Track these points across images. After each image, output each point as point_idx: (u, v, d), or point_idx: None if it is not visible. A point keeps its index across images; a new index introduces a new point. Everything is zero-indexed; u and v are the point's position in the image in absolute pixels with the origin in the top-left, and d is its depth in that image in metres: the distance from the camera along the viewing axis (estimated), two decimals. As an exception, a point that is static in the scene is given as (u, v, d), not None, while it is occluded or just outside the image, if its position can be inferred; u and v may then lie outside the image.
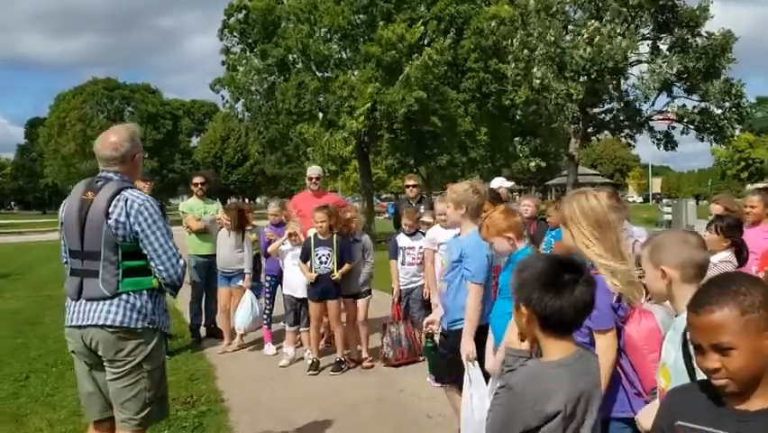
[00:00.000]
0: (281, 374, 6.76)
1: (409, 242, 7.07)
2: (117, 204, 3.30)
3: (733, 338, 1.57)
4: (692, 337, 1.69)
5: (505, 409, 2.07)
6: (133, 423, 3.40)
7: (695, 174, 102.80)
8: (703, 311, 1.63)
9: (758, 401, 1.62)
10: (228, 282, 7.83)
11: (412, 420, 5.28)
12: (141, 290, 3.37)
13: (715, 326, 1.60)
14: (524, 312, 2.12)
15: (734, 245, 4.40)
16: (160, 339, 3.50)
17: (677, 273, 2.37)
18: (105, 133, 3.57)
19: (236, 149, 61.11)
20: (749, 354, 1.57)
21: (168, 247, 3.37)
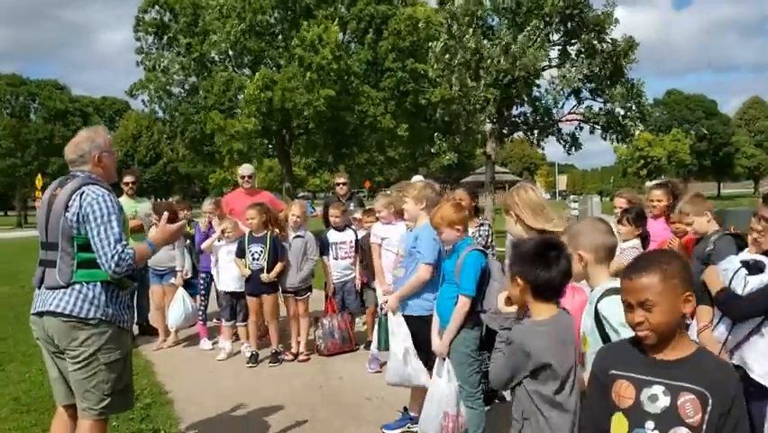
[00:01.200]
0: (220, 367, 6.94)
1: (339, 237, 7.39)
2: (75, 199, 3.46)
3: (655, 297, 2.03)
4: (624, 297, 2.14)
5: (505, 359, 2.56)
6: (93, 413, 3.54)
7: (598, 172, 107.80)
8: (635, 276, 2.09)
9: (674, 353, 2.07)
10: (160, 280, 7.88)
11: (353, 404, 5.60)
12: (95, 281, 3.48)
13: (642, 287, 2.06)
14: (519, 283, 2.62)
15: (641, 232, 5.05)
16: (116, 332, 3.59)
17: (591, 256, 2.84)
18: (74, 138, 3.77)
19: (148, 147, 59.44)
20: (666, 311, 2.03)
21: (108, 241, 3.41)
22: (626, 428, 2.07)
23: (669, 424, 2.00)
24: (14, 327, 8.72)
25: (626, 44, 20.26)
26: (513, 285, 2.67)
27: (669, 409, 2.00)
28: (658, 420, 2.01)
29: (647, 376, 2.06)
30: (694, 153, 71.35)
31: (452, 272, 4.14)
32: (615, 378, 2.13)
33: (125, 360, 3.70)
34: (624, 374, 2.12)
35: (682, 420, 1.98)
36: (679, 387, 2.00)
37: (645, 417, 2.04)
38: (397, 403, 5.18)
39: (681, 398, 1.99)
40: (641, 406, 2.05)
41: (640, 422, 2.04)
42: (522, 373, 2.56)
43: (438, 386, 4.05)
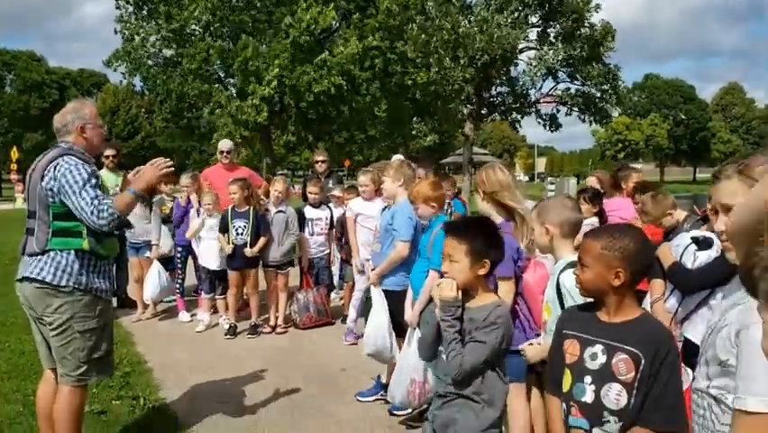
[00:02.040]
0: (199, 338, 7.09)
1: (315, 213, 7.53)
2: (50, 168, 3.57)
3: (588, 260, 2.30)
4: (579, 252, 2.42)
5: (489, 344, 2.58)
6: (70, 379, 3.67)
7: (577, 155, 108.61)
8: (586, 237, 2.41)
9: (618, 317, 2.29)
10: (137, 253, 7.98)
11: (328, 374, 5.80)
12: (69, 249, 3.58)
13: (585, 248, 2.34)
14: (486, 264, 2.65)
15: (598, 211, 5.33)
16: (92, 301, 3.67)
17: (557, 230, 3.05)
18: None
19: (126, 121, 58.69)
20: (594, 276, 2.29)
21: (85, 201, 3.48)
22: (569, 381, 2.30)
23: (603, 380, 2.21)
24: (-7, 297, 8.76)
25: (603, 30, 20.57)
26: (475, 266, 2.64)
27: (605, 366, 2.22)
28: (595, 376, 2.23)
29: (591, 336, 2.29)
30: (671, 138, 72.14)
31: (425, 248, 4.31)
32: (566, 337, 2.36)
33: (103, 329, 3.78)
34: (573, 334, 2.35)
35: (616, 377, 2.19)
36: (615, 347, 2.22)
37: (585, 372, 2.26)
38: (371, 373, 5.39)
39: (617, 357, 2.20)
40: (583, 363, 2.27)
41: (581, 377, 2.26)
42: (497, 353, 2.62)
43: (407, 354, 4.24)
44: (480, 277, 2.66)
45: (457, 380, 2.63)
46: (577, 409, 2.27)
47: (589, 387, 2.24)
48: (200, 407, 4.96)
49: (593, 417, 2.24)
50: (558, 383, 2.37)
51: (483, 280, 2.70)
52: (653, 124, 69.44)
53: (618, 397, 2.19)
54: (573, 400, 2.28)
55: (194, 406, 5.00)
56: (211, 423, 4.66)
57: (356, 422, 4.70)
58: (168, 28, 23.51)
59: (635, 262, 2.27)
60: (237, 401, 5.09)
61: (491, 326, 2.58)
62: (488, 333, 2.58)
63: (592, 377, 2.24)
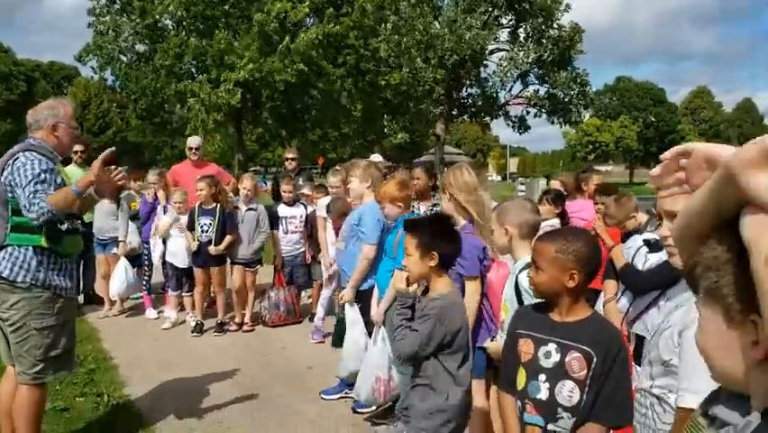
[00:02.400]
0: (165, 336, 7.06)
1: (290, 211, 7.54)
2: (9, 164, 3.55)
3: (543, 263, 2.35)
4: (531, 256, 2.48)
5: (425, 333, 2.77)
6: (26, 377, 3.64)
7: (548, 156, 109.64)
8: (539, 240, 2.48)
9: (570, 317, 2.36)
10: (103, 250, 7.92)
11: (295, 372, 5.83)
12: (27, 245, 3.56)
13: (539, 251, 2.40)
14: (434, 257, 2.82)
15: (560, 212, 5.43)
16: (50, 298, 3.64)
17: (516, 231, 3.13)
18: None
19: (97, 116, 57.80)
20: (548, 278, 2.34)
21: (26, 191, 3.46)
22: (524, 380, 2.36)
23: (557, 377, 2.28)
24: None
25: (572, 31, 20.87)
26: (425, 259, 2.83)
27: (558, 364, 2.29)
28: (549, 374, 2.30)
29: (544, 335, 2.35)
30: (641, 140, 73.18)
31: (392, 247, 4.37)
32: (520, 336, 2.43)
33: (63, 326, 3.74)
34: (526, 333, 2.41)
35: (569, 375, 2.26)
36: (568, 346, 2.28)
37: (540, 370, 2.32)
38: (337, 372, 5.39)
39: (570, 355, 2.27)
40: (537, 361, 2.34)
41: (535, 375, 2.33)
42: (432, 346, 2.78)
43: (372, 352, 4.30)
44: (433, 269, 2.83)
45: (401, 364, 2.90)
46: (532, 407, 2.34)
47: (543, 385, 2.31)
48: (165, 404, 4.95)
49: (547, 413, 2.30)
50: (511, 381, 2.43)
51: (438, 273, 2.85)
52: (623, 126, 70.40)
53: (571, 394, 2.26)
54: (528, 398, 2.35)
55: (158, 403, 4.99)
56: (175, 421, 4.66)
57: (320, 420, 4.74)
58: (142, 23, 23.33)
59: (588, 264, 2.35)
60: (202, 399, 5.09)
61: (424, 316, 2.78)
62: (420, 323, 2.78)
63: (546, 375, 2.30)
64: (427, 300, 2.86)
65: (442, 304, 2.81)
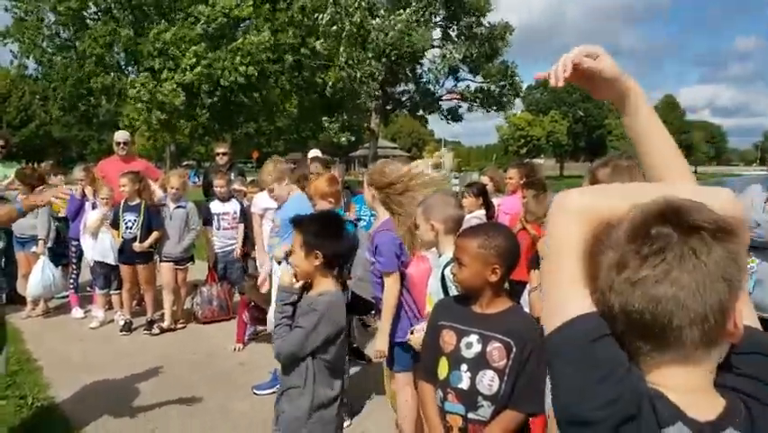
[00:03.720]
0: (92, 335, 6.89)
1: (223, 207, 7.43)
2: None
3: (466, 259, 2.41)
4: (454, 253, 2.52)
5: (308, 328, 2.77)
6: None
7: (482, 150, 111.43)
8: (461, 237, 2.52)
9: (490, 308, 2.44)
10: (23, 248, 7.69)
11: (225, 370, 5.78)
12: None
13: (461, 247, 2.45)
14: (318, 256, 2.83)
15: (484, 205, 5.57)
16: None
17: (442, 226, 3.20)
18: None
19: (19, 108, 55.44)
20: (472, 273, 2.41)
21: None
22: (446, 369, 2.42)
23: (478, 367, 2.36)
24: None
25: (501, 29, 21.45)
26: (309, 258, 2.84)
27: (479, 354, 2.36)
28: (470, 364, 2.37)
29: (466, 327, 2.42)
30: (570, 134, 75.18)
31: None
32: (442, 327, 2.49)
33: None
34: (449, 324, 2.47)
35: (490, 364, 2.34)
36: (489, 336, 2.36)
37: (462, 360, 2.39)
38: (269, 367, 5.38)
39: (490, 346, 2.35)
40: (459, 351, 2.40)
41: (457, 365, 2.40)
42: (317, 342, 2.77)
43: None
44: (318, 268, 2.84)
45: (282, 364, 2.85)
46: (453, 396, 2.40)
47: (465, 374, 2.37)
48: (91, 406, 4.84)
49: (468, 402, 2.37)
50: (431, 371, 2.50)
51: (323, 273, 2.87)
52: (553, 121, 72.16)
53: (491, 383, 2.34)
54: (450, 387, 2.41)
55: (85, 405, 4.88)
56: (102, 423, 4.56)
57: (252, 415, 4.73)
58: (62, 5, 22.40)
59: (509, 257, 2.43)
60: (130, 400, 5.00)
61: (309, 312, 2.78)
62: (304, 318, 2.77)
63: (468, 365, 2.37)
64: (314, 296, 2.85)
65: (329, 300, 2.83)
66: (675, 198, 1.01)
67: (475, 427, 2.37)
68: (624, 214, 1.03)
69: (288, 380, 2.87)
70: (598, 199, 1.11)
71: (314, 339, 2.76)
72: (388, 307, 3.58)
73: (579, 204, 1.11)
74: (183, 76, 21.34)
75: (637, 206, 1.02)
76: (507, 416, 2.33)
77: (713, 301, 0.95)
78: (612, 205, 1.06)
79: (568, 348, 1.02)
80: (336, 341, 2.84)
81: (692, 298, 0.95)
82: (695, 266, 0.95)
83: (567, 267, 1.07)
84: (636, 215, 1.01)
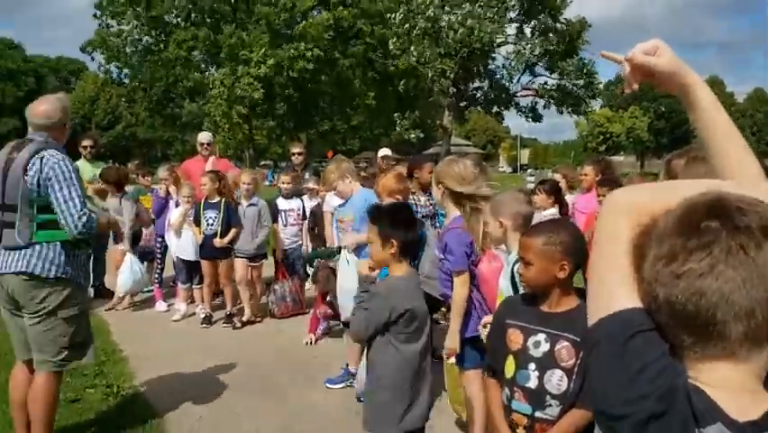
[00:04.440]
0: (175, 328, 7.18)
1: (288, 204, 7.61)
2: (35, 162, 3.62)
3: (533, 257, 2.39)
4: (519, 252, 2.50)
5: (368, 312, 2.92)
6: (51, 365, 3.78)
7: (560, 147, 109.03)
8: (525, 235, 2.49)
9: (558, 307, 2.42)
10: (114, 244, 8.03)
11: (300, 362, 5.93)
12: (55, 241, 3.68)
13: (526, 246, 2.43)
14: (393, 244, 2.94)
15: (557, 202, 5.46)
16: (74, 289, 3.80)
17: (510, 223, 3.18)
18: (38, 101, 3.92)
19: (107, 110, 58.14)
20: (539, 271, 2.39)
21: (72, 203, 3.62)
22: (513, 368, 2.42)
23: (546, 366, 2.35)
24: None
25: (578, 24, 20.96)
26: (385, 247, 2.97)
27: (547, 353, 2.35)
28: (538, 363, 2.36)
29: (533, 326, 2.41)
30: (652, 131, 72.79)
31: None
32: (509, 326, 2.48)
33: (83, 315, 3.93)
34: (515, 323, 2.46)
35: (558, 364, 2.33)
36: (557, 336, 2.34)
37: (529, 359, 2.38)
38: (341, 361, 5.49)
39: (559, 345, 2.33)
40: (527, 350, 2.39)
41: (525, 364, 2.39)
42: (383, 322, 2.90)
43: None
44: (393, 256, 2.97)
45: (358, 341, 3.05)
46: (521, 395, 2.39)
47: (533, 373, 2.36)
48: (173, 395, 5.05)
49: (536, 401, 2.36)
50: (497, 369, 2.50)
51: (398, 260, 2.99)
52: (633, 117, 70.01)
53: (560, 382, 2.32)
54: (517, 386, 2.40)
55: (167, 394, 5.10)
56: (183, 410, 4.77)
57: (325, 408, 4.84)
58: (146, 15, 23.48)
59: (576, 253, 2.40)
60: (210, 389, 5.19)
61: (373, 296, 2.94)
62: (368, 301, 2.94)
63: (536, 364, 2.36)
64: (381, 281, 3.04)
65: (390, 283, 2.97)
66: (727, 193, 1.00)
67: (542, 426, 2.36)
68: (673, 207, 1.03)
69: (369, 360, 3.04)
70: (649, 195, 1.12)
71: (376, 320, 2.90)
72: (458, 305, 3.59)
73: (628, 199, 1.13)
74: (258, 69, 21.94)
75: (686, 199, 1.02)
76: (575, 414, 2.31)
77: (760, 297, 0.93)
78: (662, 200, 1.07)
79: (606, 341, 1.04)
80: (406, 325, 2.92)
81: (738, 292, 0.93)
82: (742, 262, 0.94)
83: (614, 261, 1.08)
84: (685, 208, 1.01)
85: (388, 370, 2.93)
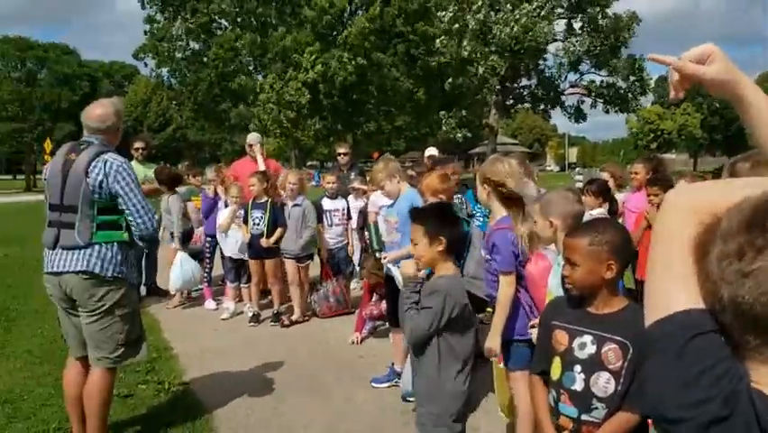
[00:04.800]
0: (223, 326, 7.30)
1: (332, 204, 7.66)
2: (96, 165, 3.73)
3: (578, 258, 2.35)
4: (563, 253, 2.48)
5: (433, 307, 2.90)
6: (108, 362, 3.89)
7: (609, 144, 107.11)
8: (570, 236, 2.45)
9: (604, 308, 2.38)
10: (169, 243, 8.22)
11: (346, 361, 5.96)
12: (113, 242, 3.79)
13: (571, 247, 2.39)
14: (441, 241, 2.95)
15: (606, 201, 5.35)
16: (128, 288, 3.95)
17: (560, 223, 3.13)
18: (93, 105, 4.05)
19: (158, 113, 59.50)
20: (586, 272, 2.34)
21: (145, 204, 3.83)
22: (559, 370, 2.39)
23: (593, 368, 2.31)
24: (26, 285, 9.09)
25: (628, 20, 20.52)
26: (433, 244, 2.98)
27: (594, 355, 2.31)
28: (584, 365, 2.32)
29: (579, 327, 2.37)
30: (705, 128, 70.79)
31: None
32: (555, 327, 2.45)
33: (135, 313, 4.06)
34: (561, 324, 2.43)
35: (605, 366, 2.28)
36: (604, 337, 2.30)
37: (575, 361, 2.35)
38: (386, 360, 5.54)
39: (606, 347, 2.29)
40: (572, 352, 2.36)
41: (571, 366, 2.36)
42: (447, 316, 2.91)
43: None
44: (441, 254, 2.98)
45: (413, 346, 3.05)
46: (566, 397, 2.36)
47: (579, 375, 2.33)
48: (222, 391, 5.15)
49: (582, 404, 2.33)
50: (543, 368, 2.48)
51: (445, 258, 3.01)
52: (685, 114, 68.18)
53: (607, 385, 2.28)
54: (563, 388, 2.37)
55: (216, 390, 5.19)
56: (231, 407, 4.85)
57: (370, 407, 4.85)
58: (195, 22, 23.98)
59: (623, 252, 2.36)
60: (257, 386, 5.27)
61: (433, 293, 2.93)
62: (429, 299, 2.93)
63: (582, 366, 2.32)
64: (435, 279, 3.03)
65: (448, 280, 2.98)
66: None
67: (589, 429, 2.32)
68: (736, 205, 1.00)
69: (419, 361, 3.05)
70: (709, 193, 1.09)
71: (441, 317, 2.91)
72: (503, 305, 3.55)
73: (688, 198, 1.09)
74: (306, 75, 22.16)
75: (754, 197, 0.99)
76: (621, 417, 2.27)
77: None
78: (724, 198, 1.03)
79: (663, 343, 1.00)
80: (461, 322, 2.96)
81: None
82: None
83: (673, 261, 1.05)
84: (754, 205, 0.98)
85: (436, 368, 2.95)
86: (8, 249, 13.11)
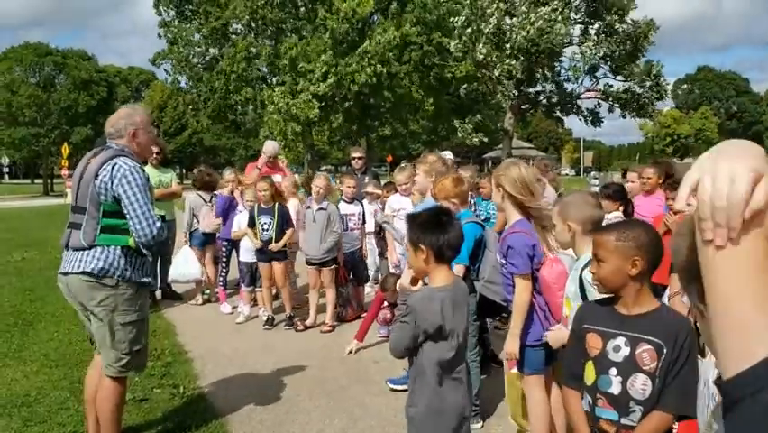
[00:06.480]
0: (238, 330, 7.27)
1: (349, 209, 7.63)
2: (106, 168, 3.70)
3: (605, 254, 2.31)
4: (592, 250, 2.42)
5: (405, 327, 2.77)
6: (112, 370, 3.82)
7: (625, 149, 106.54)
8: (598, 233, 2.43)
9: (637, 309, 2.32)
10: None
11: (360, 365, 5.91)
12: (116, 246, 3.73)
13: (598, 243, 2.35)
14: (423, 250, 2.78)
15: (622, 205, 5.30)
16: (134, 294, 3.83)
17: (579, 227, 3.09)
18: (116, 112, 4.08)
19: (174, 118, 59.87)
20: (612, 269, 2.30)
21: (146, 210, 3.70)
22: (594, 373, 2.33)
23: (629, 371, 2.25)
24: (44, 289, 9.13)
25: (645, 26, 20.41)
26: (417, 254, 2.81)
27: (629, 357, 2.24)
28: (620, 368, 2.26)
29: (612, 329, 2.31)
30: (723, 131, 70.19)
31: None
32: (587, 331, 2.38)
33: (143, 322, 3.94)
34: (594, 328, 2.37)
35: (640, 368, 2.22)
36: (638, 339, 2.24)
37: (610, 364, 2.28)
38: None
39: (640, 348, 2.23)
40: (606, 355, 2.29)
41: (605, 369, 2.29)
42: (420, 337, 2.74)
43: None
44: (428, 262, 2.79)
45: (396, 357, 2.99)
46: (604, 401, 2.31)
47: (615, 378, 2.28)
48: (236, 395, 5.10)
49: (620, 407, 2.28)
50: (575, 376, 2.41)
51: (435, 266, 2.80)
52: (703, 118, 67.65)
53: (644, 387, 2.23)
54: (600, 392, 2.32)
55: (230, 394, 5.15)
56: (246, 411, 4.80)
57: (385, 410, 4.80)
58: (208, 27, 24.10)
59: (650, 250, 2.30)
60: (272, 390, 5.22)
61: (408, 310, 2.76)
62: (404, 314, 2.79)
63: (617, 369, 2.28)
64: (412, 294, 2.89)
65: (422, 295, 2.81)
66: None
67: (628, 432, 2.28)
68: None
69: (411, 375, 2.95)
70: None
71: (409, 333, 2.75)
72: (520, 309, 3.50)
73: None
74: (317, 87, 22.16)
75: None
76: (655, 417, 2.21)
77: None
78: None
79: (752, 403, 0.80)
80: (439, 337, 2.76)
81: None
82: None
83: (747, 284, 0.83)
84: None
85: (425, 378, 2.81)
86: (27, 252, 13.20)
